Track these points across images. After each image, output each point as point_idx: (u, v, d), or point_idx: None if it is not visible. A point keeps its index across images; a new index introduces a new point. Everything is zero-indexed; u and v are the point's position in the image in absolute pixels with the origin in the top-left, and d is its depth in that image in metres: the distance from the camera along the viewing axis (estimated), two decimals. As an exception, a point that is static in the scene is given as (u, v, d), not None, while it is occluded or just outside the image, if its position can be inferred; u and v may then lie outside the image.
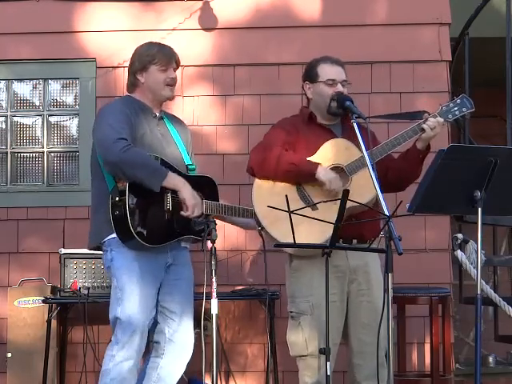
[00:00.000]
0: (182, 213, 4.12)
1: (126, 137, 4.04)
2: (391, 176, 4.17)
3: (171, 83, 4.29)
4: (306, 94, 4.26)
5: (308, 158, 4.07)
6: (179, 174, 4.19)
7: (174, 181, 4.10)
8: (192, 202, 4.12)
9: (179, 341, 4.29)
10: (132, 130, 4.13)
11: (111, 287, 4.24)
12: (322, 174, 4.01)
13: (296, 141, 4.13)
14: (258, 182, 4.15)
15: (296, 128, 4.17)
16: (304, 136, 4.14)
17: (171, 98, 4.37)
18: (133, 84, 4.32)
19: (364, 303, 4.10)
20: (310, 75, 4.20)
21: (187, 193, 4.12)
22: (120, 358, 4.09)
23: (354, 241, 4.08)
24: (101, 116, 4.25)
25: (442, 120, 4.06)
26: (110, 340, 4.20)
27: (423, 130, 4.05)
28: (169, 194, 4.11)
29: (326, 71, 4.17)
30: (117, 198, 4.06)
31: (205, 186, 4.28)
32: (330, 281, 3.88)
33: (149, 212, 4.10)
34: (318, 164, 4.03)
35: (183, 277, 4.32)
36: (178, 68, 4.36)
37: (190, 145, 4.48)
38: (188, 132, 4.53)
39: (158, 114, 4.34)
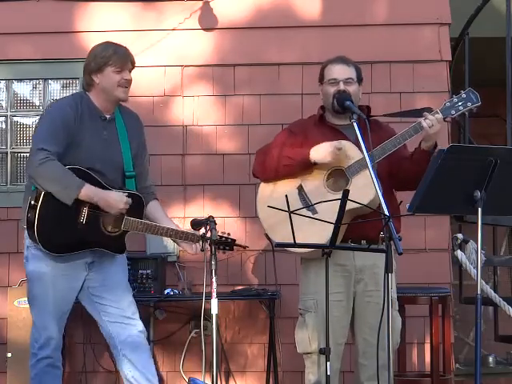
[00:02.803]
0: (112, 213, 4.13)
1: (49, 147, 4.05)
2: (402, 176, 4.16)
3: (125, 85, 4.26)
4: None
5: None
6: (102, 187, 4.14)
7: (88, 194, 4.08)
8: (114, 206, 4.11)
9: (130, 337, 4.27)
10: (68, 135, 4.13)
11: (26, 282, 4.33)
12: (313, 155, 4.06)
13: (303, 141, 4.17)
14: (261, 186, 4.23)
15: (304, 129, 4.25)
16: (312, 137, 4.18)
17: (125, 100, 4.31)
18: (88, 84, 4.30)
19: (371, 304, 4.08)
20: (320, 77, 4.28)
21: (104, 202, 4.11)
22: (40, 356, 4.24)
23: (363, 241, 4.08)
24: (43, 116, 4.30)
25: (440, 116, 4.03)
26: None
27: (422, 129, 4.03)
28: (86, 208, 4.11)
29: (330, 71, 4.23)
30: (32, 202, 4.10)
31: (132, 203, 4.20)
32: (337, 280, 4.02)
33: (59, 221, 4.11)
34: (309, 150, 4.07)
35: (112, 270, 4.30)
36: (133, 69, 4.32)
37: (142, 146, 4.42)
38: (142, 132, 4.45)
39: (108, 117, 4.30)
